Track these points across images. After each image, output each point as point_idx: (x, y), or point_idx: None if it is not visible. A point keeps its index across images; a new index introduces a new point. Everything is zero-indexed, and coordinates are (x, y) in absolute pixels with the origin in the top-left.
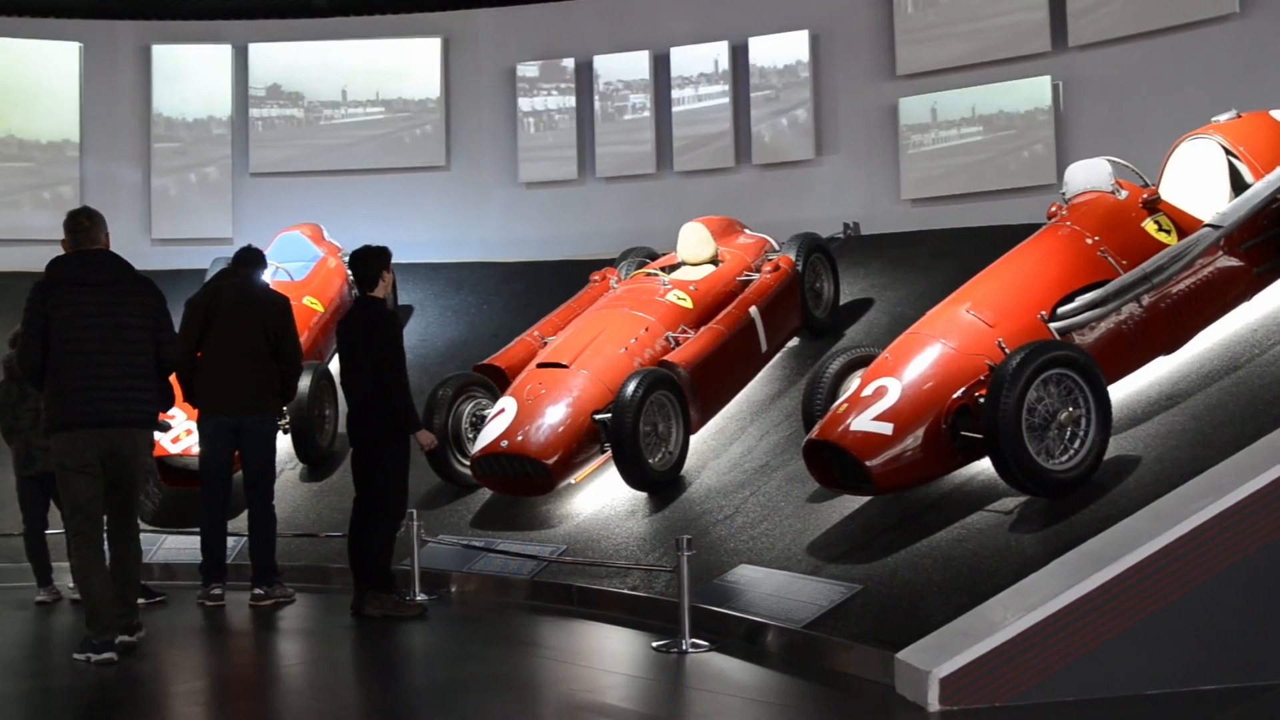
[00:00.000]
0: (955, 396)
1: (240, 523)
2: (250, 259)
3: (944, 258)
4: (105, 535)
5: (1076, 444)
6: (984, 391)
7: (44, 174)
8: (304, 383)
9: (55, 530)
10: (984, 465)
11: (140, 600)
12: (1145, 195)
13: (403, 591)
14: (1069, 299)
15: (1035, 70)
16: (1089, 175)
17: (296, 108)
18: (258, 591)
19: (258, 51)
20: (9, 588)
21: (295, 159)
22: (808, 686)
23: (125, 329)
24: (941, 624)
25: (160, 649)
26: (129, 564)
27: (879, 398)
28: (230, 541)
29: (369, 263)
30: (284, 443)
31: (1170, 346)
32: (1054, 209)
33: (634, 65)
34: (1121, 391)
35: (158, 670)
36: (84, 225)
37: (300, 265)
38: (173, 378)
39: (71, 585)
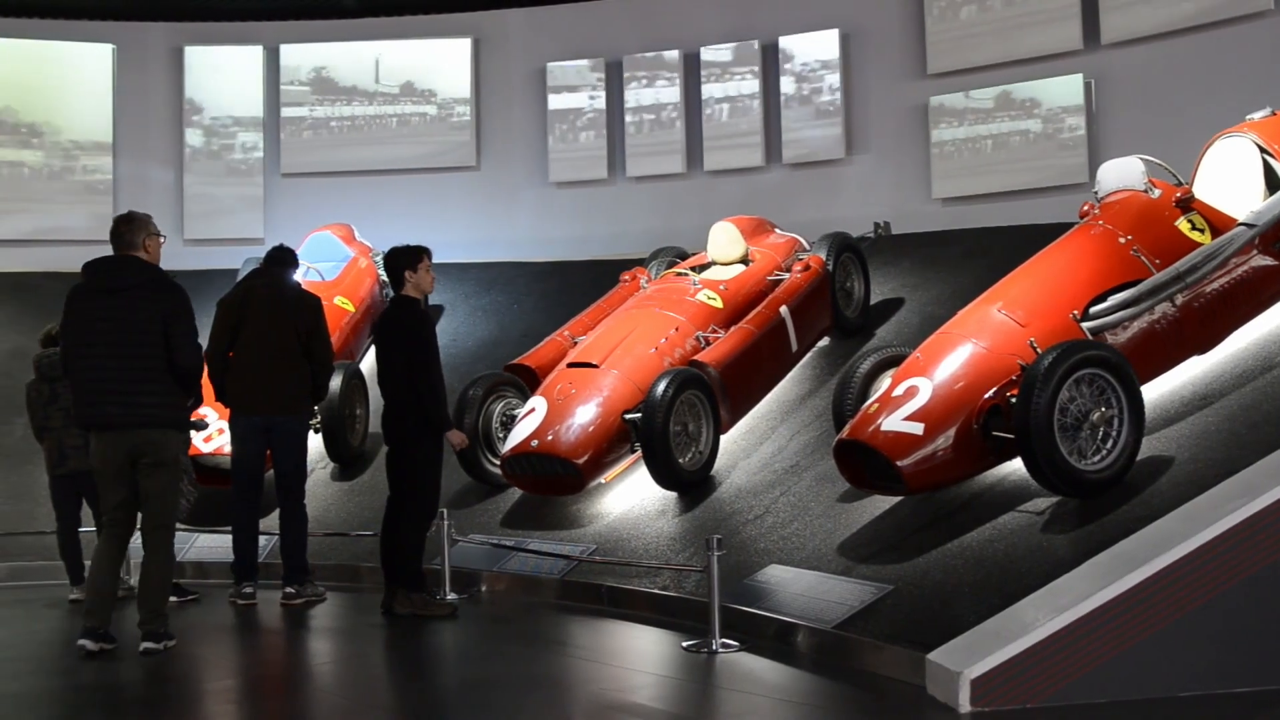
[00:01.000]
0: (987, 396)
1: (272, 522)
2: (282, 259)
3: (975, 257)
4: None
5: (1109, 444)
6: (1016, 391)
7: (77, 175)
8: (335, 382)
9: (88, 529)
10: (1015, 466)
11: (173, 599)
12: (1179, 194)
13: (433, 590)
14: (1101, 298)
15: (1067, 68)
16: (1122, 174)
17: (328, 108)
18: (289, 590)
19: (289, 53)
20: (42, 585)
21: (326, 160)
22: (838, 687)
23: (133, 333)
24: (973, 625)
25: (192, 647)
26: (157, 571)
27: (910, 397)
28: (262, 540)
29: (394, 262)
30: (315, 442)
31: (1204, 346)
32: (1086, 208)
33: (665, 63)
34: (1154, 391)
35: (189, 668)
36: (119, 231)
37: (331, 265)
38: (204, 376)
39: None
